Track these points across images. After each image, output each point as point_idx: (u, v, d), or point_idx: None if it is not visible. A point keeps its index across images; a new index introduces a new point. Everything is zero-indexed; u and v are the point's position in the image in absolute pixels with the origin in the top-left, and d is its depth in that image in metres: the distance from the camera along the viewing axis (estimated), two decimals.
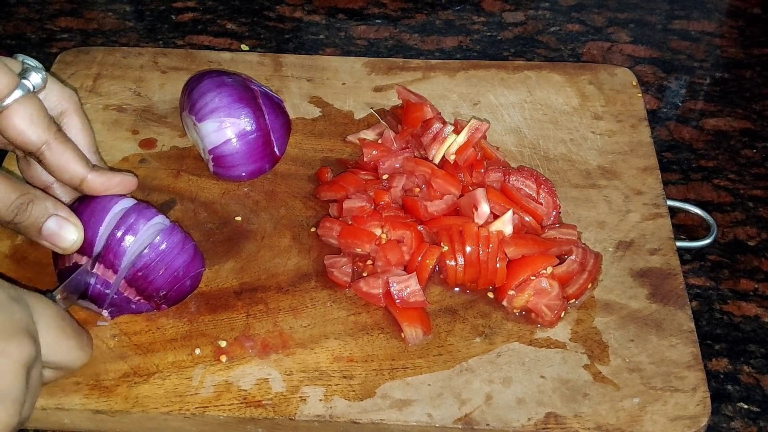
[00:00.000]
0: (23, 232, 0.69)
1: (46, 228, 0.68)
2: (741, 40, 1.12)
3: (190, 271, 0.72)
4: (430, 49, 1.10)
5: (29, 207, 0.68)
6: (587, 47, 1.10)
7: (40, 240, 0.69)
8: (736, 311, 0.81)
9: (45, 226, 0.68)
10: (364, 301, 0.74)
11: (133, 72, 0.95)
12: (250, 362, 0.70)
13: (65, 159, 0.70)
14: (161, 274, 0.70)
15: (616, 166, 0.85)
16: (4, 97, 0.66)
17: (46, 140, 0.68)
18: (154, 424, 0.67)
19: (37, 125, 0.68)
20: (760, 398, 0.75)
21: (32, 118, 0.68)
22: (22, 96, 0.67)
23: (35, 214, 0.68)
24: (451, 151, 0.80)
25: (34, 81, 0.69)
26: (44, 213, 0.68)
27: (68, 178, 0.70)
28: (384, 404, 0.67)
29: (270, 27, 1.13)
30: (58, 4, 1.16)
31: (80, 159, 0.70)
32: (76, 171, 0.70)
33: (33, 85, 0.68)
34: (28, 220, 0.68)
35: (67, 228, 0.69)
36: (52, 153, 0.69)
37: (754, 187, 0.93)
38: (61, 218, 0.69)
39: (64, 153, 0.69)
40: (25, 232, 0.69)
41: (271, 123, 0.83)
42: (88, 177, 0.71)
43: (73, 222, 0.69)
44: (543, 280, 0.73)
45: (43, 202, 0.69)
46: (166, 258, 0.70)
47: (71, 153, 0.70)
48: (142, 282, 0.70)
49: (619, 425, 0.66)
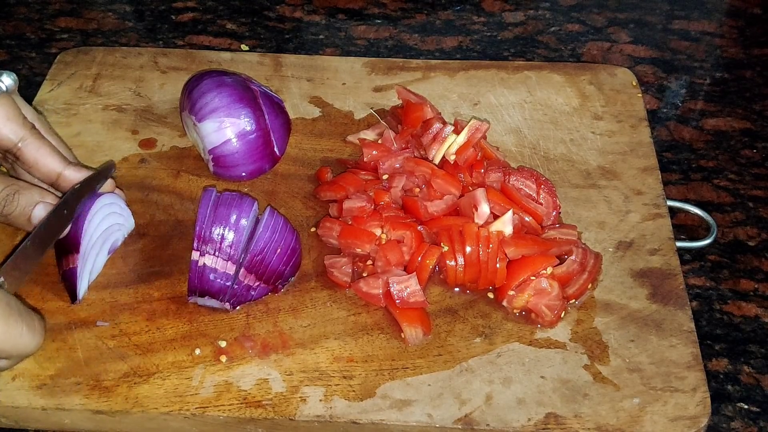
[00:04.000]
0: (14, 222, 0.70)
1: (34, 216, 0.69)
2: (741, 40, 1.12)
3: (297, 247, 0.74)
4: (430, 49, 1.10)
5: (16, 197, 0.69)
6: (587, 47, 1.10)
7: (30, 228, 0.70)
8: (736, 311, 0.81)
9: (33, 214, 0.69)
10: (364, 301, 0.74)
11: (133, 72, 0.95)
12: (250, 362, 0.70)
13: (41, 154, 0.71)
14: (277, 254, 0.71)
15: (616, 167, 0.85)
16: None
17: (22, 136, 0.70)
18: (154, 424, 0.67)
19: (12, 122, 0.70)
20: (760, 398, 0.75)
21: (8, 116, 0.69)
22: None
23: (23, 203, 0.69)
24: (451, 152, 0.80)
25: (6, 82, 0.71)
26: (31, 201, 0.69)
27: (45, 173, 0.71)
28: (384, 404, 0.67)
29: (270, 27, 1.13)
30: (58, 4, 1.16)
31: (56, 154, 0.72)
32: (53, 166, 0.71)
33: (5, 86, 0.71)
34: (16, 209, 0.69)
35: None
36: (29, 149, 0.70)
37: (754, 187, 0.93)
38: (49, 204, 0.70)
39: (39, 148, 0.71)
40: (15, 222, 0.70)
41: (271, 123, 0.83)
42: (65, 172, 0.71)
43: None
44: (543, 280, 0.73)
45: (29, 191, 0.70)
46: (278, 237, 0.71)
47: (47, 148, 0.71)
48: (260, 266, 0.71)
49: (619, 425, 0.66)
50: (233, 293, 0.71)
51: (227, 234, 0.70)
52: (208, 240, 0.70)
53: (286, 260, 0.72)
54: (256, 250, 0.70)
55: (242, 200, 0.71)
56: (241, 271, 0.71)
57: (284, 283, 0.74)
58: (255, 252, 0.70)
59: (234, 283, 0.71)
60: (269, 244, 0.71)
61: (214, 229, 0.70)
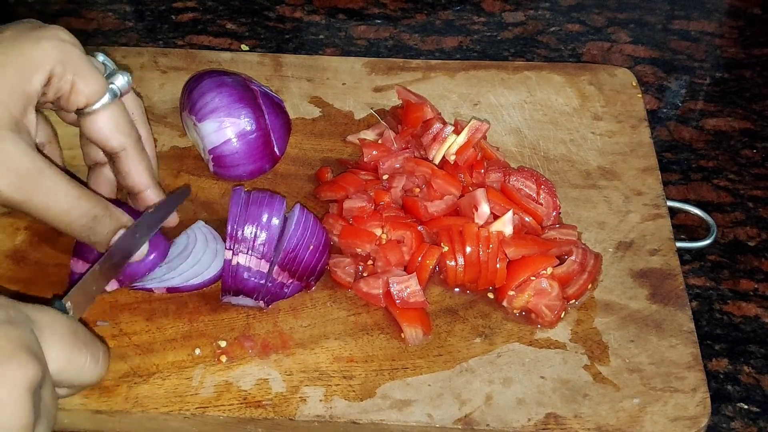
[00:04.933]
0: (92, 243, 0.68)
1: (115, 241, 0.68)
2: (741, 40, 1.12)
3: (328, 243, 0.74)
4: (430, 49, 1.10)
5: (102, 219, 0.67)
6: (587, 47, 1.10)
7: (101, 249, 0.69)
8: (736, 311, 0.81)
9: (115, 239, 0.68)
10: (364, 301, 0.74)
11: (133, 72, 0.95)
12: (250, 362, 0.70)
13: (136, 170, 0.71)
14: (310, 251, 0.72)
15: (616, 167, 0.85)
16: (93, 102, 0.67)
17: (125, 147, 0.69)
18: (154, 424, 0.67)
19: (120, 131, 0.69)
20: (760, 398, 0.75)
21: (117, 125, 0.69)
22: (110, 101, 0.67)
23: (107, 228, 0.68)
24: (451, 152, 0.80)
25: (120, 84, 0.69)
26: (115, 226, 0.68)
27: (131, 184, 0.72)
28: (384, 404, 0.67)
29: (270, 27, 1.13)
30: (58, 4, 1.16)
31: (148, 170, 0.72)
32: (141, 181, 0.72)
33: (119, 89, 0.69)
34: (99, 233, 0.67)
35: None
36: (127, 159, 0.70)
37: (754, 187, 0.93)
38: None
39: (137, 163, 0.71)
40: (92, 241, 0.68)
41: (271, 123, 0.83)
42: (147, 191, 0.72)
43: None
44: (543, 280, 0.73)
45: (114, 213, 0.68)
46: (310, 234, 0.72)
47: (143, 164, 0.71)
48: (293, 263, 0.71)
49: (619, 426, 0.66)
50: (267, 291, 0.72)
51: (260, 233, 0.71)
52: (241, 239, 0.71)
53: (318, 256, 0.73)
54: (289, 247, 0.71)
55: (273, 199, 0.72)
56: (275, 268, 0.71)
57: (317, 280, 0.74)
58: (288, 249, 0.71)
59: (268, 281, 0.71)
60: (301, 241, 0.71)
61: (246, 228, 0.71)
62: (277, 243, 0.72)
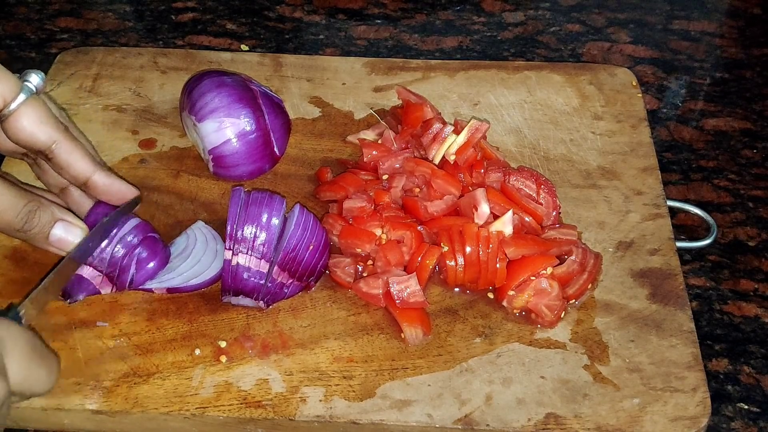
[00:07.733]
0: (30, 239, 0.68)
1: (53, 234, 0.68)
2: (741, 40, 1.12)
3: (328, 243, 0.74)
4: (430, 49, 1.10)
5: (37, 213, 0.67)
6: (587, 47, 1.10)
7: (47, 246, 0.69)
8: (736, 311, 0.81)
9: (52, 232, 0.68)
10: (364, 301, 0.74)
11: (133, 72, 0.95)
12: (249, 363, 0.70)
13: (74, 158, 0.70)
14: (310, 251, 0.72)
15: (616, 167, 0.85)
16: (10, 101, 0.66)
17: (56, 139, 0.68)
18: (154, 424, 0.67)
19: (46, 124, 0.68)
20: (760, 398, 0.75)
21: (41, 119, 0.68)
22: (27, 98, 0.67)
23: (43, 221, 0.68)
24: (451, 152, 0.80)
25: (35, 82, 0.68)
26: (51, 218, 0.68)
27: (75, 175, 0.70)
28: (384, 405, 0.67)
29: (270, 27, 1.13)
30: (58, 4, 1.16)
31: (88, 157, 0.71)
32: (83, 168, 0.70)
33: (35, 86, 0.68)
34: (36, 227, 0.67)
35: (75, 232, 0.69)
36: (62, 151, 0.69)
37: (754, 187, 0.93)
38: (68, 223, 0.69)
39: (72, 151, 0.69)
40: (32, 240, 0.69)
41: (271, 123, 0.83)
42: (94, 176, 0.71)
43: (79, 225, 0.69)
44: (543, 280, 0.73)
45: (49, 207, 0.69)
46: (309, 234, 0.72)
47: (79, 151, 0.70)
48: (293, 263, 0.71)
49: (619, 426, 0.66)
50: (267, 291, 0.72)
51: (259, 233, 0.71)
52: (241, 239, 0.71)
53: (318, 256, 0.73)
54: (289, 247, 0.71)
55: (272, 199, 0.72)
56: (275, 269, 0.71)
57: (316, 280, 0.74)
58: (288, 249, 0.71)
59: (267, 281, 0.71)
60: (301, 241, 0.71)
61: (246, 229, 0.71)
62: (277, 243, 0.71)
